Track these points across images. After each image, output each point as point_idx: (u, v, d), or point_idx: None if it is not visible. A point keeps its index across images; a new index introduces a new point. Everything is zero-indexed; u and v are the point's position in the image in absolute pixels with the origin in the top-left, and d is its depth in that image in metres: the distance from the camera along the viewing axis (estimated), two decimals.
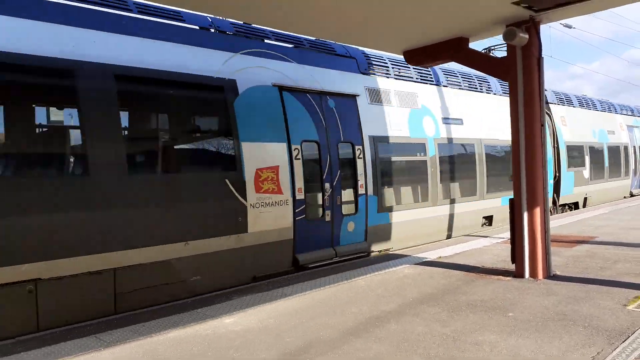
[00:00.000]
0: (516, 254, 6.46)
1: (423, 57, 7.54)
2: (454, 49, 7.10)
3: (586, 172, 15.17)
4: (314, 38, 8.56)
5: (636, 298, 5.17)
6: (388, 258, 8.04)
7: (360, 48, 9.19)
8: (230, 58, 7.20)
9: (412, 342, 4.22)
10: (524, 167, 6.30)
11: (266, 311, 5.28)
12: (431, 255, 8.05)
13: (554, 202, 13.87)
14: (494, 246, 8.73)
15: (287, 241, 7.44)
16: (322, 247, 7.95)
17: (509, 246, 6.79)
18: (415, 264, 7.45)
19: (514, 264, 6.52)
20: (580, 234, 9.47)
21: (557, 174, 13.92)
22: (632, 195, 18.86)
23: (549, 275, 6.34)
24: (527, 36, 6.16)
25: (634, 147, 19.27)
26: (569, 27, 20.82)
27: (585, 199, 15.41)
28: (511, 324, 4.57)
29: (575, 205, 14.99)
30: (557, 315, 4.78)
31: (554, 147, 13.87)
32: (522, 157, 6.31)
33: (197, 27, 7.16)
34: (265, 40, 7.88)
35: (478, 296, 5.55)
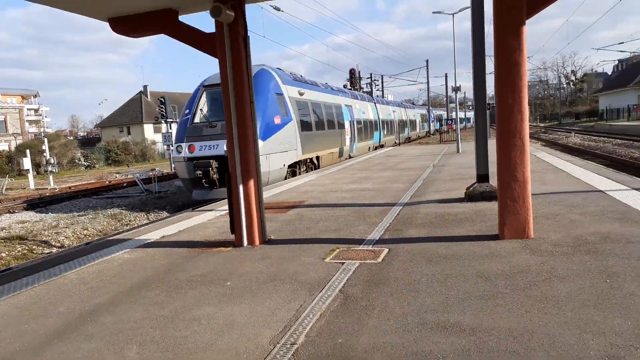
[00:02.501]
0: (235, 225, 6.77)
1: (130, 26, 7.03)
2: (163, 21, 6.83)
3: (382, 132, 34.20)
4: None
5: (331, 251, 6.01)
6: (107, 245, 7.45)
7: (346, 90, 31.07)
8: (344, 96, 26.49)
9: (127, 332, 3.98)
10: (237, 143, 6.59)
11: None
12: (154, 236, 7.80)
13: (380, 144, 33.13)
14: (217, 219, 8.99)
15: (347, 149, 25.06)
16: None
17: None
18: (137, 247, 7.10)
19: (233, 235, 6.83)
20: (292, 200, 10.57)
21: (379, 132, 33.08)
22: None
23: (265, 241, 6.86)
24: (232, 14, 6.34)
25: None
26: (278, 9, 22.65)
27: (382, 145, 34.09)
28: (228, 293, 4.77)
29: (381, 146, 33.21)
30: (270, 277, 5.19)
31: (380, 120, 33.52)
32: (235, 133, 6.58)
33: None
34: (344, 92, 27.69)
35: (199, 271, 5.62)
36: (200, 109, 15.60)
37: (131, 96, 70.29)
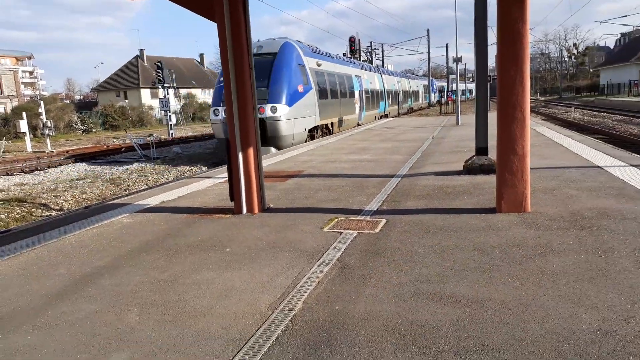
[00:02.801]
0: (234, 192, 6.79)
1: None
2: None
3: (387, 102, 36.00)
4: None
5: (330, 220, 6.05)
6: (106, 209, 7.48)
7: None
8: (354, 67, 28.38)
9: (127, 295, 4.04)
10: (237, 111, 6.54)
11: None
12: (153, 202, 7.82)
13: (385, 114, 34.93)
14: (216, 186, 9.01)
15: (356, 118, 26.94)
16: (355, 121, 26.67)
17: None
18: (136, 212, 7.13)
19: (233, 202, 6.86)
20: (292, 169, 10.58)
21: (384, 102, 34.85)
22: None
23: (264, 209, 6.90)
24: None
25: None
26: None
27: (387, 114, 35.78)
28: (227, 259, 4.82)
29: (386, 115, 35.02)
30: (269, 244, 5.25)
31: (385, 90, 35.21)
32: (234, 101, 6.52)
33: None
34: (354, 63, 30.22)
35: (198, 237, 5.66)
36: None
37: (127, 60, 69.34)
